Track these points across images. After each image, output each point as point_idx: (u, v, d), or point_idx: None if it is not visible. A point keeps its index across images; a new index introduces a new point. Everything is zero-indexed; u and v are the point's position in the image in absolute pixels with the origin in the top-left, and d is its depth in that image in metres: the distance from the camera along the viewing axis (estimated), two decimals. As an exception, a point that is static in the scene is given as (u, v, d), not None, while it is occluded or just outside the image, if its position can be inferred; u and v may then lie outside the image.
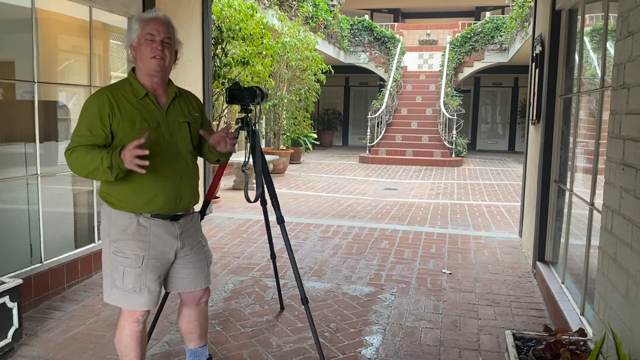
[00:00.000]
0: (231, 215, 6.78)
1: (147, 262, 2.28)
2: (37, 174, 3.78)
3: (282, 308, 3.68)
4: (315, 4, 14.29)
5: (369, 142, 14.79)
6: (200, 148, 2.50)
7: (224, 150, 2.41)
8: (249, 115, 2.92)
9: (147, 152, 2.06)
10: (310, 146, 14.04)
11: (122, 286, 2.28)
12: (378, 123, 14.89)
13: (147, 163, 2.08)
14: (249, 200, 2.83)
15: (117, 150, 2.11)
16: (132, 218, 2.27)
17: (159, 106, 2.31)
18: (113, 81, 2.62)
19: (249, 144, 2.90)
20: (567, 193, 3.91)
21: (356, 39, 17.74)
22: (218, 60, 7.38)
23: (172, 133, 2.32)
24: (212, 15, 6.81)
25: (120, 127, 2.21)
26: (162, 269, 2.35)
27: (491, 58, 16.58)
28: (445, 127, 14.27)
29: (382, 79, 17.55)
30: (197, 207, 2.62)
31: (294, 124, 12.52)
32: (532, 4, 6.37)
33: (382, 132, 14.94)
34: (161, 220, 2.30)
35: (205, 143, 2.47)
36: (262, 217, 3.46)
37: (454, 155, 14.02)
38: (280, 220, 2.97)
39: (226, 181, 9.64)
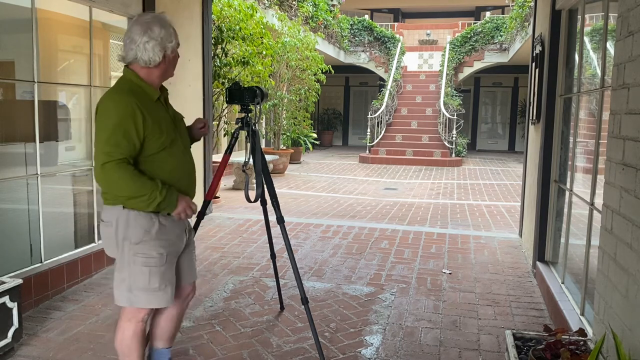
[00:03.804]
0: (231, 215, 6.77)
1: (168, 259, 2.32)
2: (37, 174, 3.78)
3: (282, 308, 3.68)
4: (315, 4, 14.29)
5: (369, 142, 14.79)
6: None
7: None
8: (249, 115, 2.93)
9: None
10: (310, 146, 14.04)
11: (147, 286, 2.27)
12: (378, 123, 14.89)
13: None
14: (249, 200, 2.83)
15: (174, 192, 2.20)
16: (153, 218, 2.25)
17: (166, 106, 2.33)
18: (113, 81, 2.62)
19: (249, 144, 2.90)
20: (567, 193, 3.91)
21: (356, 38, 17.75)
22: (218, 60, 7.38)
23: (180, 131, 2.35)
24: (212, 15, 6.81)
25: (151, 133, 2.17)
26: (175, 262, 2.40)
27: (491, 58, 16.58)
28: (445, 127, 14.27)
29: (382, 79, 17.55)
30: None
31: (294, 123, 12.53)
32: (532, 3, 6.37)
33: (382, 132, 14.94)
34: None
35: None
36: (262, 217, 3.46)
37: (454, 155, 14.02)
38: (280, 220, 2.97)
39: (226, 181, 9.64)
